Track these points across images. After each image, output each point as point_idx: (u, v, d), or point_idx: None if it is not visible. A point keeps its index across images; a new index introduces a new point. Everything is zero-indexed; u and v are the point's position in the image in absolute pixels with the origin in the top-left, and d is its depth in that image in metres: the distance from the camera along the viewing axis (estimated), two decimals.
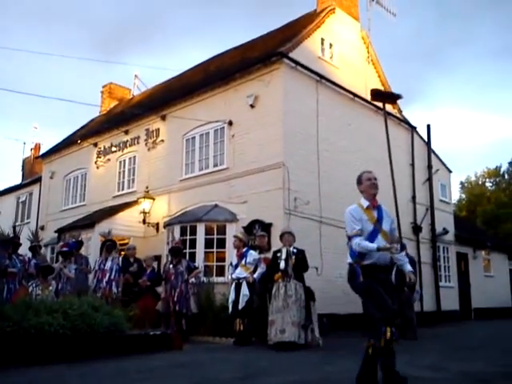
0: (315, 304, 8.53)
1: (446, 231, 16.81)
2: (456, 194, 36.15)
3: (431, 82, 72.46)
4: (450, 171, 18.61)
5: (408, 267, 4.69)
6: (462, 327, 13.76)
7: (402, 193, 15.20)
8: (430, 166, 16.53)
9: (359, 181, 4.80)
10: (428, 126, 16.70)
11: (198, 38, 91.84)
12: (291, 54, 12.02)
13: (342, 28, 14.20)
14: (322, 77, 12.72)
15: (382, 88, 15.25)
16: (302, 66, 12.18)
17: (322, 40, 13.45)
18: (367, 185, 4.70)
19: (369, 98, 14.16)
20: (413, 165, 15.87)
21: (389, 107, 15.23)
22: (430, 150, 16.71)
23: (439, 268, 16.32)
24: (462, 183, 38.22)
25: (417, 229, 15.42)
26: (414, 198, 15.60)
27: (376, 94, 5.61)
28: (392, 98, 6.45)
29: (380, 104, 5.30)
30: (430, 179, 16.42)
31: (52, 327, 6.33)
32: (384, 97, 5.79)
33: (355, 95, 13.75)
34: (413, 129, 16.27)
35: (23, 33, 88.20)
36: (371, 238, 4.44)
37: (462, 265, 18.48)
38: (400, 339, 9.18)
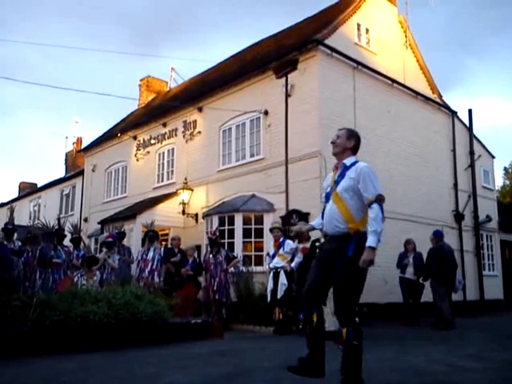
0: None
1: (489, 219, 16.37)
2: (499, 180, 35.05)
3: (471, 68, 70.37)
4: (493, 157, 18.06)
5: (369, 240, 3.61)
6: (506, 316, 13.40)
7: (443, 180, 14.94)
8: (471, 152, 16.09)
9: None
10: (469, 111, 16.25)
11: (233, 30, 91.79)
12: (327, 41, 11.89)
13: (378, 12, 13.93)
14: (358, 63, 12.53)
15: (420, 73, 14.96)
16: (339, 52, 12.03)
17: (359, 25, 13.23)
18: None
19: (407, 83, 13.99)
20: (454, 151, 15.49)
21: (428, 92, 14.95)
22: (471, 136, 16.26)
23: (482, 256, 15.94)
24: (505, 169, 36.97)
25: (459, 216, 15.07)
26: (455, 185, 15.25)
27: (277, 70, 5.06)
28: (291, 64, 5.92)
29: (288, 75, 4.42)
30: (472, 165, 15.98)
31: (97, 316, 6.53)
32: (284, 66, 5.26)
33: (394, 81, 13.49)
34: (453, 114, 15.84)
35: (61, 29, 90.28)
36: (325, 202, 3.95)
37: (507, 252, 17.98)
38: (435, 329, 9.17)
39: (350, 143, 4.00)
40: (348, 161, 3.92)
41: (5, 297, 6.37)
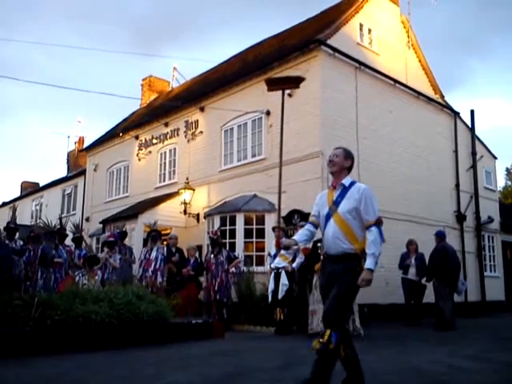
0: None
1: (491, 219, 16.34)
2: (501, 181, 35.00)
3: (473, 69, 70.30)
4: (495, 157, 18.03)
5: (368, 262, 3.71)
6: (508, 318, 13.38)
7: (445, 180, 14.92)
8: (474, 153, 16.06)
9: None
10: (472, 112, 16.20)
11: (235, 30, 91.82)
12: (329, 41, 11.88)
13: (381, 13, 13.92)
14: (361, 63, 12.52)
15: (423, 73, 14.95)
16: (341, 52, 12.02)
17: (361, 25, 13.22)
18: None
19: (410, 83, 13.98)
20: (456, 151, 15.46)
21: (430, 92, 14.94)
22: (473, 136, 16.23)
23: (484, 257, 15.90)
24: (507, 170, 36.91)
25: (461, 217, 15.05)
26: (457, 185, 15.23)
27: (271, 82, 5.09)
28: (291, 81, 5.90)
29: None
30: (474, 166, 15.96)
31: (98, 316, 6.54)
32: (281, 82, 5.33)
33: (396, 81, 13.48)
34: (456, 114, 15.82)
35: (63, 30, 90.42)
36: (324, 222, 3.96)
37: (508, 253, 17.94)
38: (436, 330, 9.17)
39: (347, 163, 4.09)
40: (346, 181, 3.99)
41: (6, 296, 6.38)
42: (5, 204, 26.78)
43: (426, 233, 11.92)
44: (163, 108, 16.72)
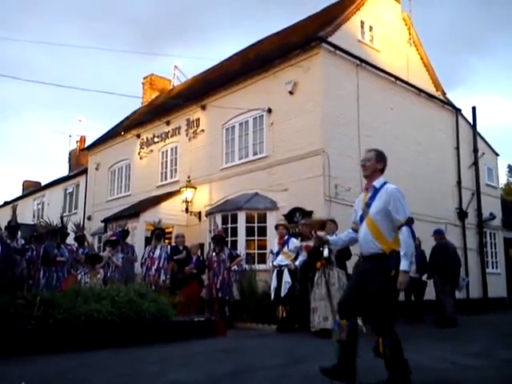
0: None
1: (492, 216, 16.32)
2: (503, 178, 34.98)
3: (473, 66, 70.16)
4: (497, 154, 17.99)
5: (402, 264, 3.82)
6: (510, 315, 13.37)
7: (447, 177, 14.90)
8: (475, 150, 16.03)
9: None
10: (473, 108, 16.17)
11: (237, 28, 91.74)
12: (330, 39, 11.86)
13: (382, 10, 13.89)
14: (362, 60, 12.50)
15: (424, 70, 14.93)
16: (342, 50, 12.00)
17: (362, 23, 13.19)
18: None
19: (411, 81, 13.95)
20: (458, 148, 15.44)
21: (431, 89, 14.91)
22: (475, 133, 16.20)
23: (486, 254, 15.87)
24: (509, 166, 36.88)
25: (462, 214, 15.03)
26: (459, 182, 15.21)
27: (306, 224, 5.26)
28: (320, 225, 6.08)
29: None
30: (475, 163, 15.92)
31: (101, 314, 6.55)
32: (313, 225, 5.46)
33: (397, 78, 13.46)
34: (457, 111, 15.79)
35: (64, 29, 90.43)
36: (359, 224, 4.11)
37: (510, 251, 17.90)
38: (438, 327, 9.17)
39: (379, 165, 4.20)
40: (377, 182, 4.10)
41: (9, 295, 6.39)
42: (7, 203, 26.82)
43: (427, 230, 11.88)
44: (164, 106, 16.72)
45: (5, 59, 69.36)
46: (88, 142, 22.93)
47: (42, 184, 27.12)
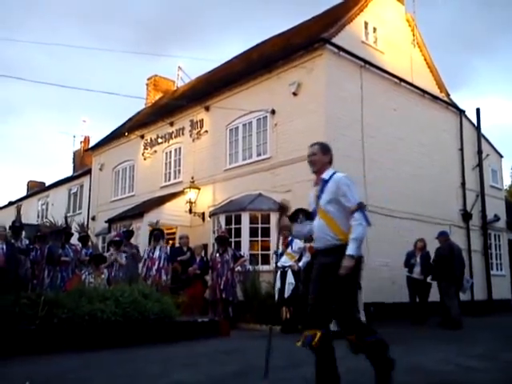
0: (362, 292, 8.46)
1: (497, 218, 16.27)
2: (507, 180, 34.79)
3: (477, 67, 70.02)
4: (502, 156, 17.94)
5: (349, 248, 3.61)
6: None
7: (451, 179, 14.87)
8: (479, 151, 15.97)
9: None
10: (477, 110, 16.12)
11: (240, 29, 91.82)
12: (334, 40, 11.85)
13: (385, 11, 13.87)
14: (365, 62, 12.49)
15: (428, 71, 14.91)
16: (346, 51, 11.99)
17: (366, 24, 13.18)
18: None
19: (415, 82, 13.93)
20: (462, 150, 15.40)
21: (435, 90, 14.89)
22: (479, 135, 16.15)
23: (490, 256, 15.83)
24: None
25: (467, 216, 14.99)
26: (463, 184, 15.18)
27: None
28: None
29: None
30: (480, 164, 15.88)
31: (104, 314, 6.57)
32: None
33: (401, 79, 13.44)
34: (461, 112, 15.75)
35: (68, 30, 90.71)
36: (315, 217, 3.94)
37: None
38: (442, 329, 9.15)
39: (326, 158, 4.03)
40: (326, 174, 3.93)
41: (13, 295, 6.42)
42: (11, 203, 26.91)
43: (431, 231, 11.86)
44: (168, 107, 16.74)
45: (6, 60, 69.67)
46: (92, 143, 23.00)
47: (47, 184, 27.21)
